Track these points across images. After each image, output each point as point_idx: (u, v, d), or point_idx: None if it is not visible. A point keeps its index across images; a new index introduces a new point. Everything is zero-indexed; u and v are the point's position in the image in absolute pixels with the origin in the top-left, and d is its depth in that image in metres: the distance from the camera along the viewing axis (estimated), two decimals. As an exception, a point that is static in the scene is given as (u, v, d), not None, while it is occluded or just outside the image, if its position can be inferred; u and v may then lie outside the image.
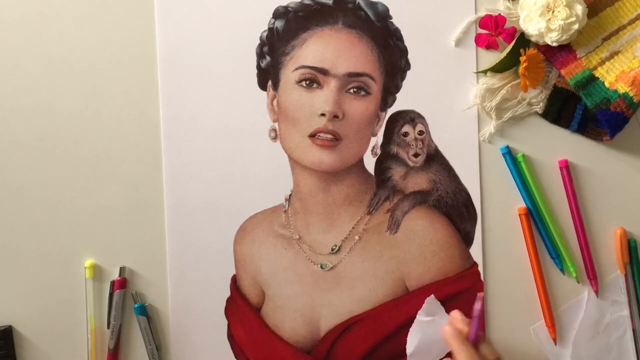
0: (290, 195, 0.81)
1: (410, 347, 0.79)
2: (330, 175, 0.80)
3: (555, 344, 0.81)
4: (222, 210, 0.81)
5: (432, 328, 0.78)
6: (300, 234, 0.81)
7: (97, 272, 0.82)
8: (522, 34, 0.78)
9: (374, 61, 0.80)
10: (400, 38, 0.80)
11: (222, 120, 0.81)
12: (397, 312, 0.80)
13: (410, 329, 0.79)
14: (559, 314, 0.81)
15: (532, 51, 0.77)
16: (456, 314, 0.74)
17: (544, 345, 0.81)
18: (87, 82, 0.81)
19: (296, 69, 0.79)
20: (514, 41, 0.78)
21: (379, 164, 0.81)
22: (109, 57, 0.81)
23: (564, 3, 0.75)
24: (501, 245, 0.81)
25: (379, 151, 0.81)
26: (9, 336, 0.81)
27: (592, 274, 0.80)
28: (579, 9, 0.75)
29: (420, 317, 0.79)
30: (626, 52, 0.78)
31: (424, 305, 0.79)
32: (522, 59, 0.76)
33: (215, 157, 0.81)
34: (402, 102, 0.80)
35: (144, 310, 0.81)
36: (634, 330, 0.81)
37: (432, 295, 0.79)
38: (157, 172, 0.81)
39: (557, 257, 0.80)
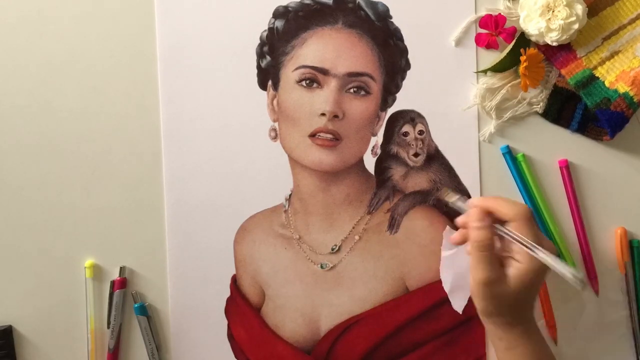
0: (290, 195, 0.81)
1: (446, 285, 0.78)
2: (330, 175, 0.80)
3: (556, 344, 0.81)
4: (222, 210, 0.81)
5: (459, 259, 0.77)
6: (301, 234, 0.81)
7: (97, 272, 0.82)
8: (522, 33, 0.78)
9: (374, 61, 0.80)
10: (400, 38, 0.80)
11: (222, 120, 0.81)
12: (398, 312, 0.80)
13: (440, 268, 0.78)
14: (559, 314, 0.81)
15: (532, 51, 0.77)
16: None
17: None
18: (87, 82, 0.81)
19: (296, 68, 0.79)
20: (514, 41, 0.78)
21: (379, 163, 0.81)
22: (109, 57, 0.81)
23: (564, 3, 0.75)
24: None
25: (379, 151, 0.81)
26: (9, 336, 0.81)
27: (592, 274, 0.80)
28: (579, 8, 0.75)
29: (445, 253, 0.77)
30: (626, 52, 0.78)
31: (443, 242, 0.77)
32: (523, 58, 0.76)
33: (215, 157, 0.81)
34: (402, 101, 0.80)
35: (144, 310, 0.81)
36: (634, 331, 0.81)
37: (448, 227, 0.79)
38: (157, 172, 0.81)
39: (557, 257, 0.80)
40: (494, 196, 0.70)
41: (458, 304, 0.79)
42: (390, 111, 0.80)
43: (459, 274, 0.79)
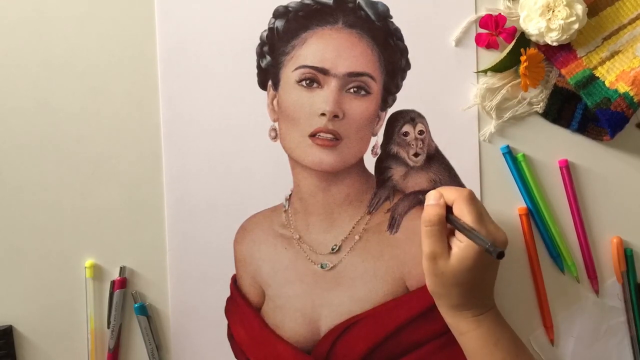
0: (290, 195, 0.81)
1: None
2: (330, 175, 0.80)
3: (553, 345, 0.81)
4: (222, 210, 0.81)
5: None
6: (301, 234, 0.81)
7: (97, 272, 0.82)
8: (523, 33, 0.78)
9: (374, 61, 0.80)
10: (400, 38, 0.80)
11: (222, 120, 0.81)
12: (398, 312, 0.80)
13: None
14: (558, 321, 0.81)
15: (532, 51, 0.77)
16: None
17: (544, 354, 0.81)
18: (87, 82, 0.81)
19: (296, 68, 0.79)
20: (514, 41, 0.78)
21: (379, 163, 0.81)
22: (109, 57, 0.81)
23: (564, 2, 0.75)
24: (501, 245, 0.81)
25: (379, 151, 0.81)
26: (9, 336, 0.81)
27: (592, 274, 0.80)
28: (579, 8, 0.75)
29: None
30: (626, 52, 0.78)
31: None
32: (523, 58, 0.76)
33: (215, 157, 0.81)
34: (403, 101, 0.80)
35: (144, 310, 0.81)
36: (631, 338, 0.81)
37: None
38: (157, 172, 0.81)
39: (557, 257, 0.80)
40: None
41: None
42: (391, 111, 0.80)
43: None
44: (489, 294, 0.74)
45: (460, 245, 0.71)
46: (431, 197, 0.73)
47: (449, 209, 0.72)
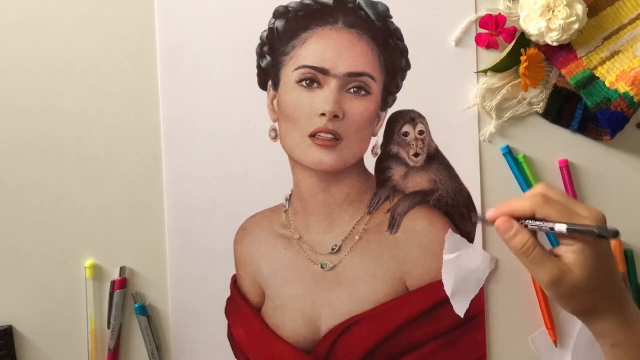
0: (290, 195, 0.81)
1: (448, 289, 0.79)
2: (330, 175, 0.80)
3: (556, 346, 0.81)
4: (222, 210, 0.81)
5: (461, 262, 0.79)
6: (301, 234, 0.81)
7: (97, 272, 0.82)
8: (523, 33, 0.78)
9: (374, 61, 0.80)
10: (400, 38, 0.80)
11: (222, 120, 0.81)
12: (398, 312, 0.80)
13: (442, 272, 0.79)
14: (559, 322, 0.81)
15: (532, 51, 0.77)
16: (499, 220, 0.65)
17: (543, 354, 0.81)
18: (87, 82, 0.81)
19: (296, 68, 0.79)
20: (514, 41, 0.78)
21: (379, 163, 0.81)
22: (109, 57, 0.81)
23: (564, 2, 0.75)
24: (501, 245, 0.80)
25: (379, 151, 0.81)
26: (9, 336, 0.81)
27: (592, 274, 0.80)
28: (579, 8, 0.75)
29: (447, 256, 0.79)
30: (626, 52, 0.78)
31: (445, 244, 0.79)
32: (523, 58, 0.76)
33: (215, 157, 0.81)
34: (402, 101, 0.80)
35: (144, 310, 0.81)
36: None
37: (450, 230, 0.79)
38: (157, 172, 0.81)
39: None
40: (505, 201, 0.66)
41: (460, 307, 0.80)
42: (391, 111, 0.80)
43: (461, 278, 0.79)
44: (623, 290, 0.66)
45: (572, 249, 0.62)
46: (503, 228, 0.64)
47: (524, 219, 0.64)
